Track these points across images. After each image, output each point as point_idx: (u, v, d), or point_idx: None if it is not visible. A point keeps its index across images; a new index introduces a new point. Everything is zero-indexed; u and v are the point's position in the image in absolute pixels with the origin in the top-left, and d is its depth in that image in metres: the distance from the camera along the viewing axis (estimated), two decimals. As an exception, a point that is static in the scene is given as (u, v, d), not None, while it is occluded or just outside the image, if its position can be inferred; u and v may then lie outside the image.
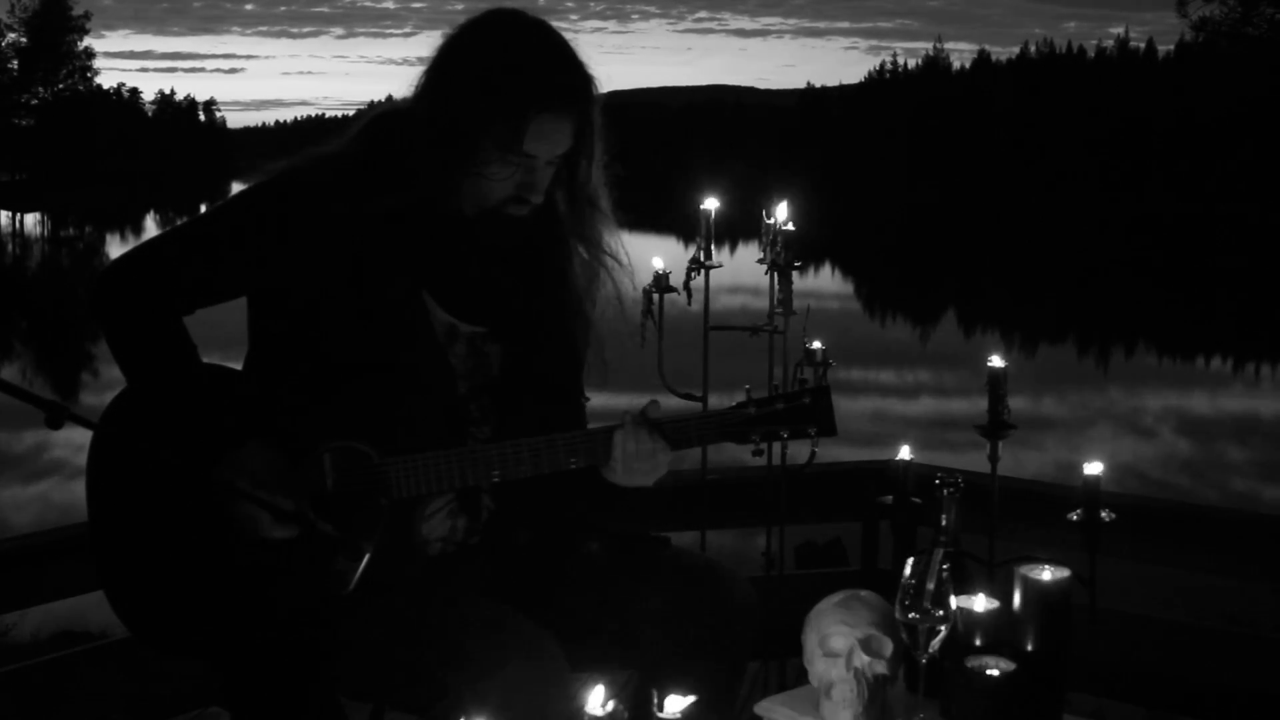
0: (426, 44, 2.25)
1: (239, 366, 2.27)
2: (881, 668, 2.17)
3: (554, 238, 2.32)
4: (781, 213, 3.03)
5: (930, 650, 2.03)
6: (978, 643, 2.17)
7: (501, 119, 2.12)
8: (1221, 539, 3.21)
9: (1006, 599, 2.23)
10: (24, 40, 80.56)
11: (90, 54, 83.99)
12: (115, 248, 43.68)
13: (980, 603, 2.20)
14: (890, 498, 2.58)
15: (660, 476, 2.21)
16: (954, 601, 2.04)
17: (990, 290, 32.32)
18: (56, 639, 5.44)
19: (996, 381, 2.56)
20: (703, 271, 3.06)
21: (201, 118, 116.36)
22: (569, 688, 2.01)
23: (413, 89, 2.21)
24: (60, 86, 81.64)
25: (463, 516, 2.27)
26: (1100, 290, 31.67)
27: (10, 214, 60.19)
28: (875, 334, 24.01)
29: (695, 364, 3.12)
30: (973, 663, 2.12)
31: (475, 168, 2.16)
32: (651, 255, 3.03)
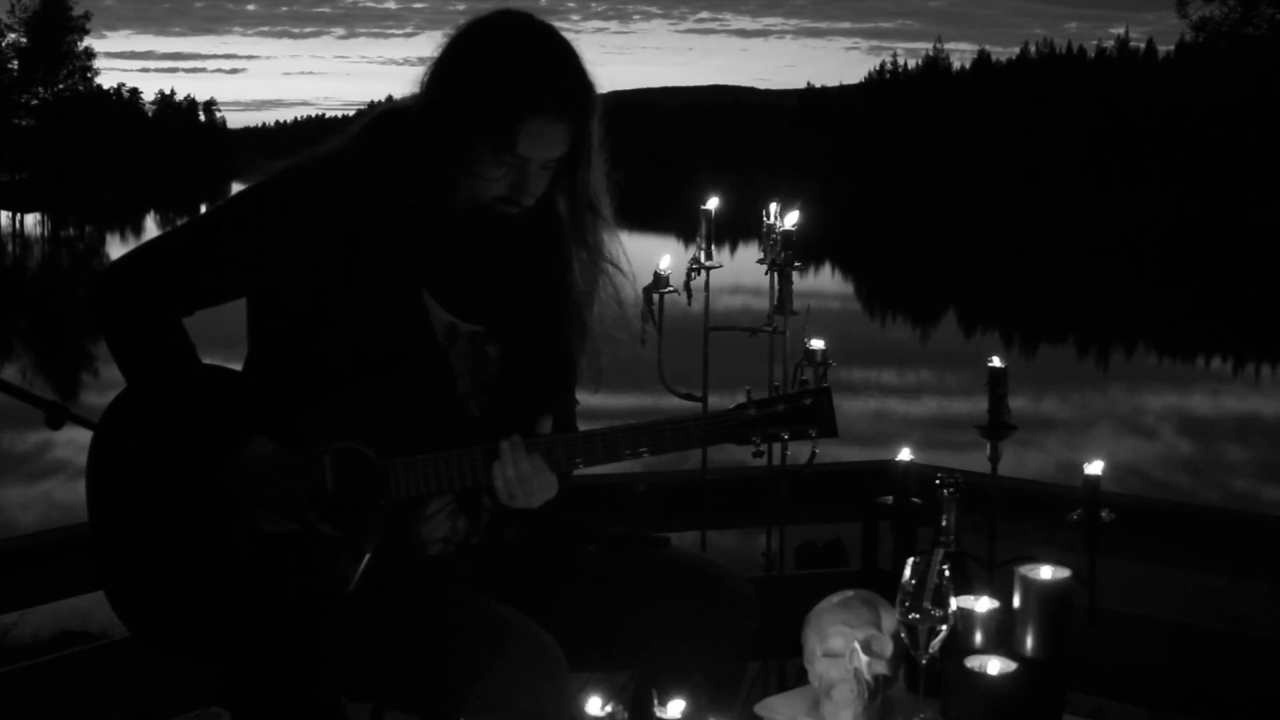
0: (428, 44, 2.25)
1: (239, 366, 2.27)
2: (881, 668, 2.17)
3: (554, 241, 2.32)
4: (790, 220, 3.03)
5: (930, 650, 2.03)
6: (978, 643, 2.17)
7: (495, 119, 2.12)
8: (1221, 539, 3.21)
9: (1006, 599, 2.23)
10: (24, 40, 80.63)
11: (90, 54, 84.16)
12: (115, 248, 43.64)
13: (980, 603, 2.20)
14: (890, 498, 2.58)
15: (549, 498, 2.18)
16: (954, 601, 2.04)
17: (990, 290, 32.28)
18: (57, 639, 5.43)
19: (997, 382, 2.56)
20: (703, 272, 3.06)
21: (202, 118, 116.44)
22: (569, 688, 2.01)
23: (418, 86, 2.22)
24: (60, 86, 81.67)
25: (463, 517, 2.27)
26: (1100, 290, 31.63)
27: (10, 214, 60.20)
28: (875, 334, 23.98)
29: (695, 364, 3.12)
30: (973, 663, 2.13)
31: (470, 166, 2.16)
32: (656, 255, 3.03)
